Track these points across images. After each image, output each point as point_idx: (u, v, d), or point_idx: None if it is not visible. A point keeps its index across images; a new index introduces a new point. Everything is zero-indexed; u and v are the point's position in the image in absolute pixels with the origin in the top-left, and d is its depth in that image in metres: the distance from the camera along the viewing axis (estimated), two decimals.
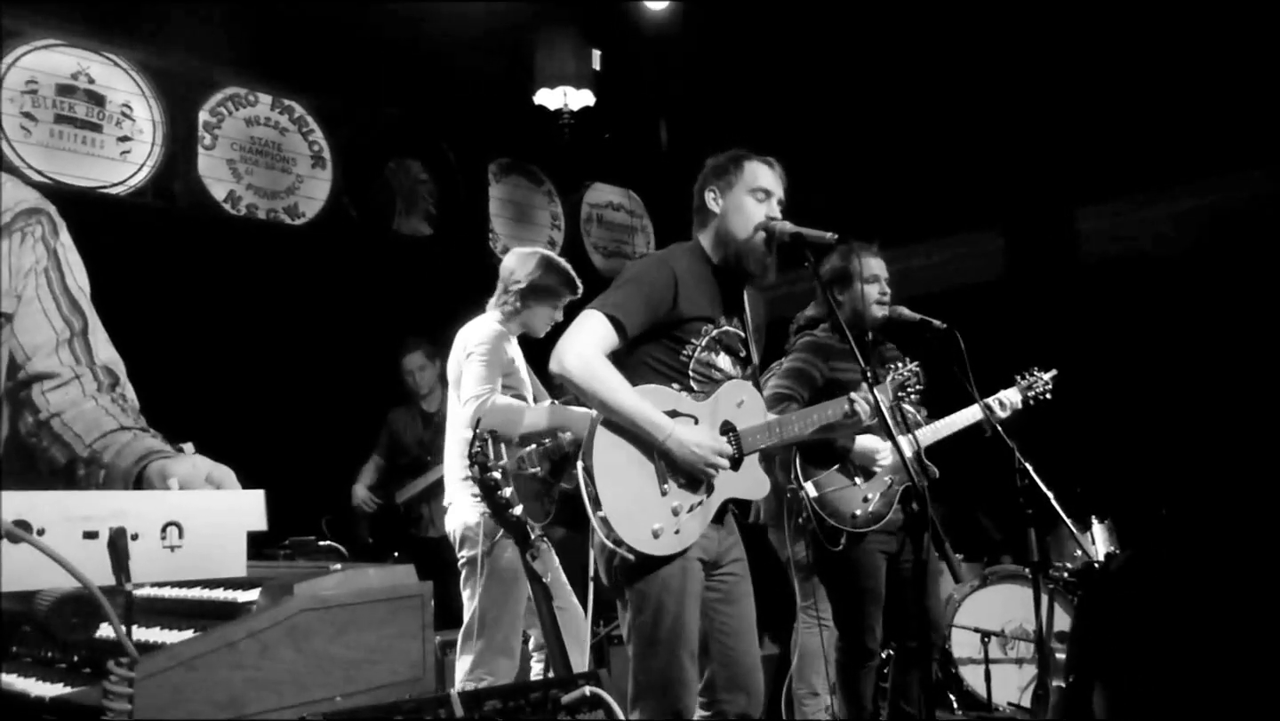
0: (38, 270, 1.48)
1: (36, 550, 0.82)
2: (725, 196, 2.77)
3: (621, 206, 7.51)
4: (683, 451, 2.51)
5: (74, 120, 4.96)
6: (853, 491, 3.47)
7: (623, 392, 2.50)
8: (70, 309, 1.51)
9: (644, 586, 2.53)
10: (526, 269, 3.66)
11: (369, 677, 1.65)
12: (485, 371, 3.44)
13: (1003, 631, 4.69)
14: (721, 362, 2.73)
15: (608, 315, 2.55)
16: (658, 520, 2.49)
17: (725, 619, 2.66)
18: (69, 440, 1.42)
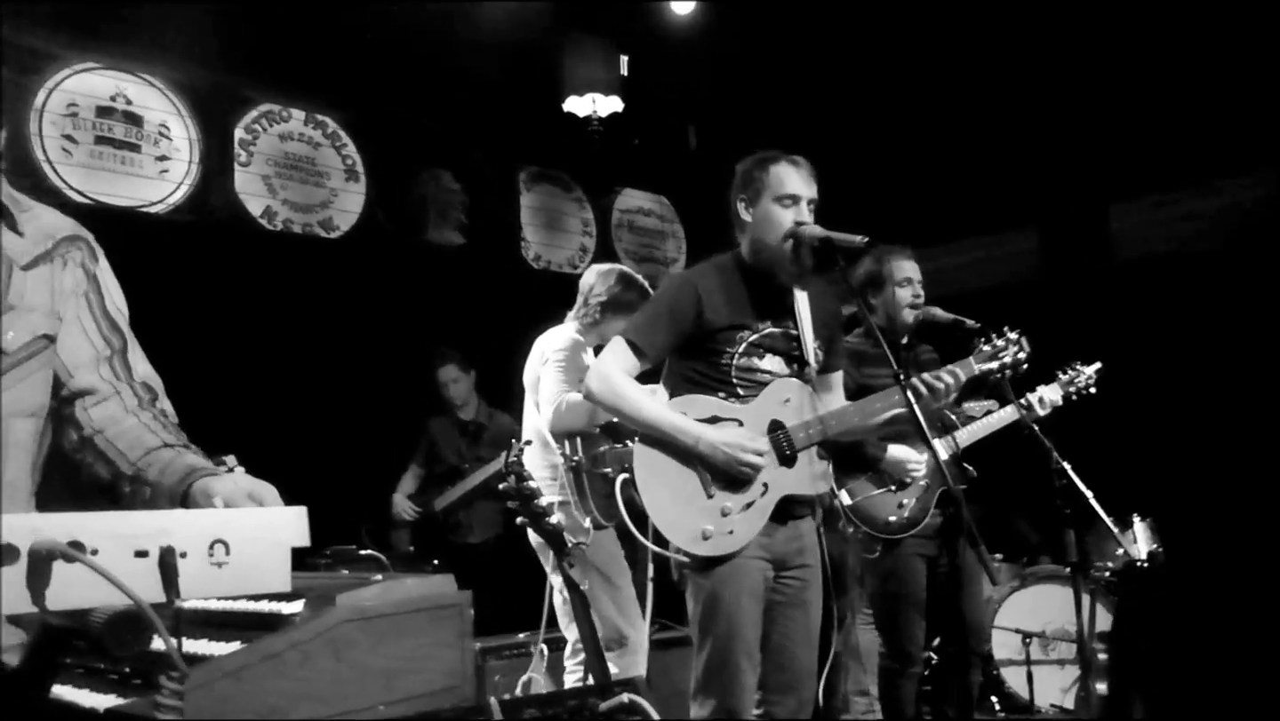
0: (78, 293, 1.53)
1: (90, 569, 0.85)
2: (754, 206, 2.78)
3: (652, 212, 7.53)
4: (713, 452, 2.56)
5: (113, 141, 5.06)
6: (887, 497, 3.45)
7: (646, 406, 2.61)
8: (110, 329, 1.56)
9: (702, 581, 2.61)
10: (606, 284, 3.83)
11: (409, 686, 1.67)
12: (563, 375, 3.61)
13: (1044, 632, 4.65)
14: (766, 365, 2.75)
15: (627, 340, 2.67)
16: (707, 522, 2.56)
17: (788, 622, 2.70)
18: (113, 457, 1.47)
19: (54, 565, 0.85)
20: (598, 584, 3.62)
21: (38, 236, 1.50)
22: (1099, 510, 3.42)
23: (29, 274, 1.46)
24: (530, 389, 3.80)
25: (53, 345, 1.47)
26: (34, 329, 1.44)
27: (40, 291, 1.47)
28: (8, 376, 1.40)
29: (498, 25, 5.60)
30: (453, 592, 1.74)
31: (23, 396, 1.42)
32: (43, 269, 1.49)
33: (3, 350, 1.40)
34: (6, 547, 0.84)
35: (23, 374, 1.42)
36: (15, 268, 1.45)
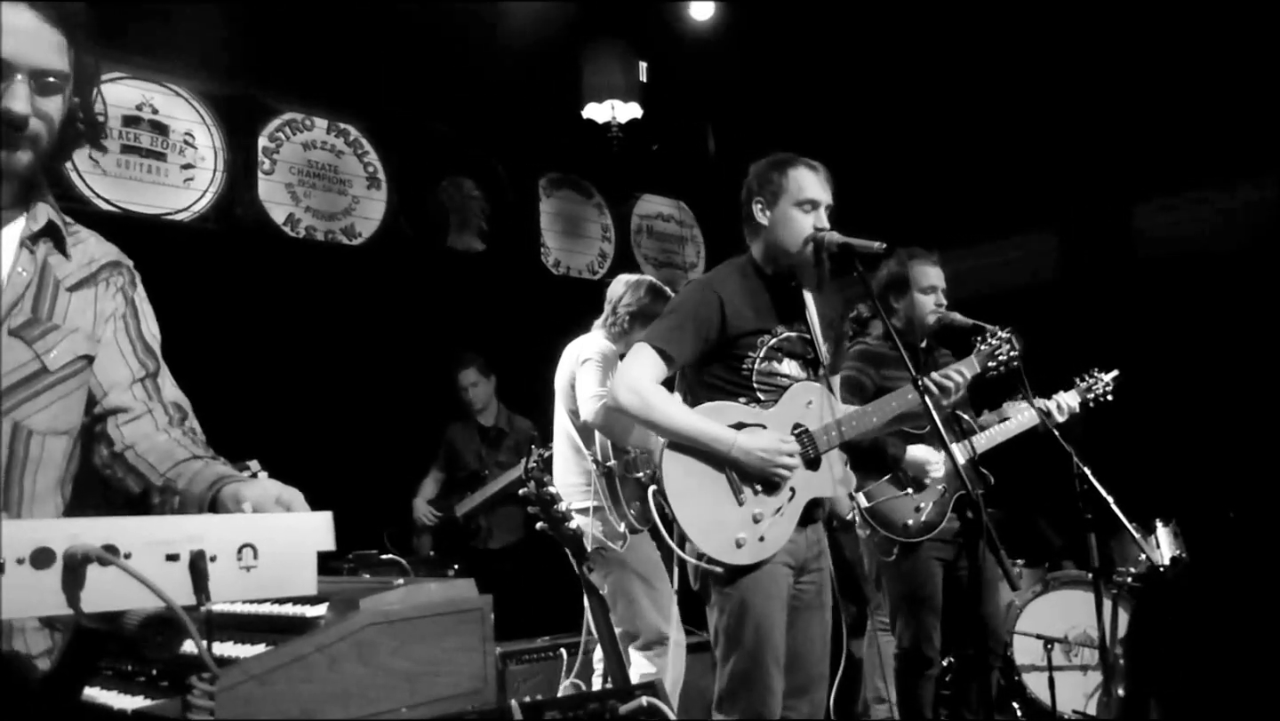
0: (116, 316, 1.57)
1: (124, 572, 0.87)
2: (772, 209, 2.77)
3: (671, 217, 7.55)
4: (749, 459, 2.56)
5: (139, 150, 5.13)
6: (905, 501, 3.45)
7: (678, 414, 2.59)
8: (144, 353, 1.59)
9: (731, 591, 2.59)
10: (636, 295, 3.86)
11: (432, 689, 1.70)
12: (601, 375, 3.65)
13: (1066, 638, 4.61)
14: (785, 369, 2.75)
15: (655, 347, 2.64)
16: (740, 530, 2.55)
17: (806, 626, 2.71)
18: (143, 470, 1.50)
19: (89, 569, 0.88)
20: (637, 587, 3.65)
21: (83, 260, 1.54)
22: (1120, 514, 3.40)
23: (73, 295, 1.51)
24: (561, 395, 3.84)
25: (90, 366, 1.51)
26: (75, 350, 1.48)
27: (83, 313, 1.51)
28: (49, 394, 1.43)
29: (517, 33, 5.63)
30: (474, 596, 1.76)
31: (60, 415, 1.46)
32: (86, 291, 1.53)
33: (46, 368, 1.43)
34: (43, 551, 0.87)
35: (62, 392, 1.46)
36: (61, 288, 1.49)
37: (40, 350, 1.43)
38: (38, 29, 1.37)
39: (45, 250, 1.49)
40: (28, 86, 1.35)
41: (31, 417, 1.41)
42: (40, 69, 1.37)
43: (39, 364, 1.42)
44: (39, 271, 1.47)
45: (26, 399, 1.41)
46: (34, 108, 1.37)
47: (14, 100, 1.34)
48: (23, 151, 1.38)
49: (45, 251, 1.49)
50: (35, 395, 1.42)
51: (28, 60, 1.36)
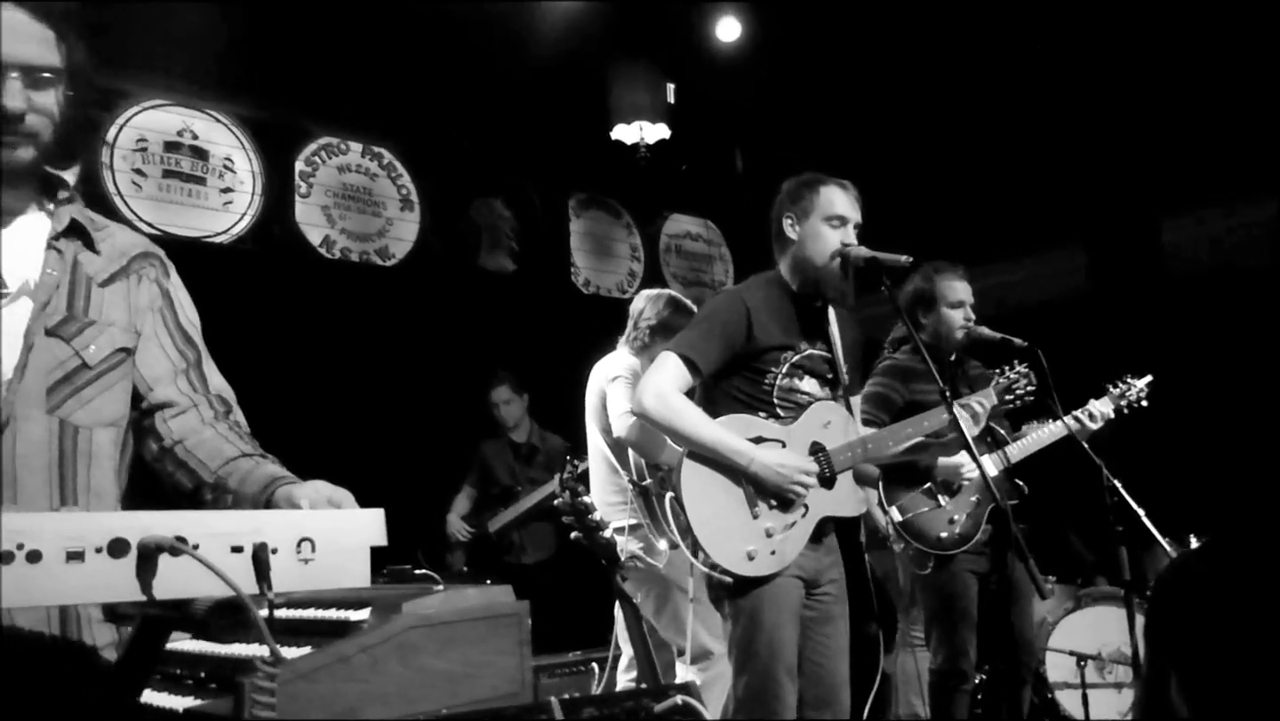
0: (153, 308, 1.61)
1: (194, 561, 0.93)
2: (801, 224, 2.82)
3: (700, 236, 7.61)
4: (767, 474, 2.59)
5: (180, 174, 5.27)
6: (938, 513, 3.46)
7: (702, 425, 2.61)
8: (184, 343, 1.63)
9: (743, 603, 2.62)
10: (656, 308, 3.90)
11: (470, 692, 1.74)
12: (631, 392, 3.66)
13: (1099, 654, 4.58)
14: (806, 386, 2.78)
15: (681, 355, 2.67)
16: (751, 543, 2.58)
17: (821, 639, 2.72)
18: (194, 466, 1.54)
19: (160, 558, 0.94)
20: (680, 601, 3.67)
21: (113, 254, 1.58)
22: (1151, 527, 3.39)
23: (106, 290, 1.54)
24: (593, 415, 3.87)
25: (131, 358, 1.55)
26: (114, 342, 1.52)
27: (118, 306, 1.55)
28: (91, 388, 1.48)
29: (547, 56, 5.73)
30: (511, 602, 1.81)
31: (104, 407, 1.50)
32: (119, 285, 1.57)
33: (86, 363, 1.47)
34: (119, 541, 0.93)
35: (104, 385, 1.50)
36: (93, 284, 1.53)
37: (79, 346, 1.47)
38: (26, 25, 1.40)
39: (74, 249, 1.52)
40: (21, 83, 1.39)
41: (76, 413, 1.45)
42: (32, 65, 1.40)
43: (79, 360, 1.46)
44: (69, 270, 1.50)
45: (70, 395, 1.45)
46: (30, 103, 1.40)
47: (9, 97, 1.38)
48: (24, 149, 1.42)
49: (74, 250, 1.52)
50: (78, 391, 1.46)
51: (19, 57, 1.39)
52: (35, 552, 0.90)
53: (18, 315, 1.44)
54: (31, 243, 1.49)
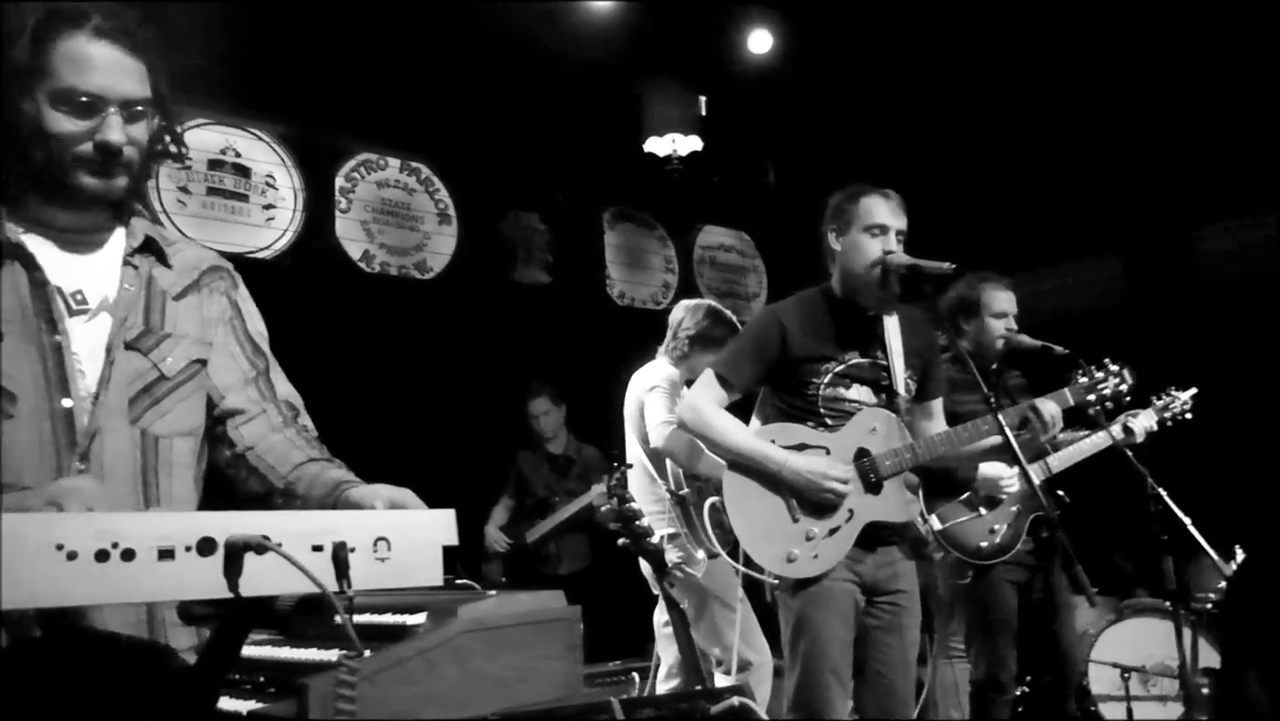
0: (224, 320, 1.67)
1: (278, 559, 0.97)
2: (843, 236, 2.87)
3: (733, 248, 7.63)
4: (797, 479, 2.67)
5: (223, 191, 5.36)
6: (978, 523, 3.45)
7: (734, 434, 2.74)
8: (254, 352, 1.69)
9: (793, 604, 2.69)
10: (695, 319, 3.94)
11: (523, 695, 1.77)
12: (669, 402, 3.73)
13: (1143, 667, 4.53)
14: (853, 394, 2.81)
15: (716, 373, 2.82)
16: (792, 546, 2.65)
17: (884, 648, 2.75)
18: (264, 471, 1.60)
19: (246, 556, 0.98)
20: (719, 611, 3.69)
21: (184, 268, 1.64)
22: (1198, 537, 3.35)
23: (179, 303, 1.61)
24: (631, 424, 3.91)
25: (204, 368, 1.61)
26: (189, 354, 1.58)
27: (191, 319, 1.61)
28: (169, 399, 1.54)
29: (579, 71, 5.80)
30: (562, 607, 1.84)
31: (182, 417, 1.56)
32: (191, 298, 1.63)
33: (164, 375, 1.54)
34: (207, 540, 0.97)
35: (181, 396, 1.56)
36: (167, 298, 1.59)
37: (156, 359, 1.53)
38: (121, 61, 1.47)
39: (148, 264, 1.59)
40: (120, 117, 1.46)
41: (156, 423, 1.51)
42: (128, 99, 1.47)
43: (157, 372, 1.53)
44: (145, 284, 1.57)
45: (150, 406, 1.51)
46: (127, 136, 1.47)
47: (110, 131, 1.45)
48: (119, 178, 1.49)
49: (148, 265, 1.59)
50: (157, 401, 1.52)
51: (117, 92, 1.46)
52: (129, 551, 0.94)
53: (99, 330, 1.50)
54: (109, 259, 1.56)
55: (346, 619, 0.96)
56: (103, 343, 1.49)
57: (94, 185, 1.47)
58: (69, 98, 1.43)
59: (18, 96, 1.43)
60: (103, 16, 1.45)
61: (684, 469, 3.77)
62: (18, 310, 1.44)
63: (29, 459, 1.38)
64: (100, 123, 1.45)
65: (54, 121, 1.43)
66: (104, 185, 1.48)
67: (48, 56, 1.43)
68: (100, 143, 1.45)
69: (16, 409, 1.39)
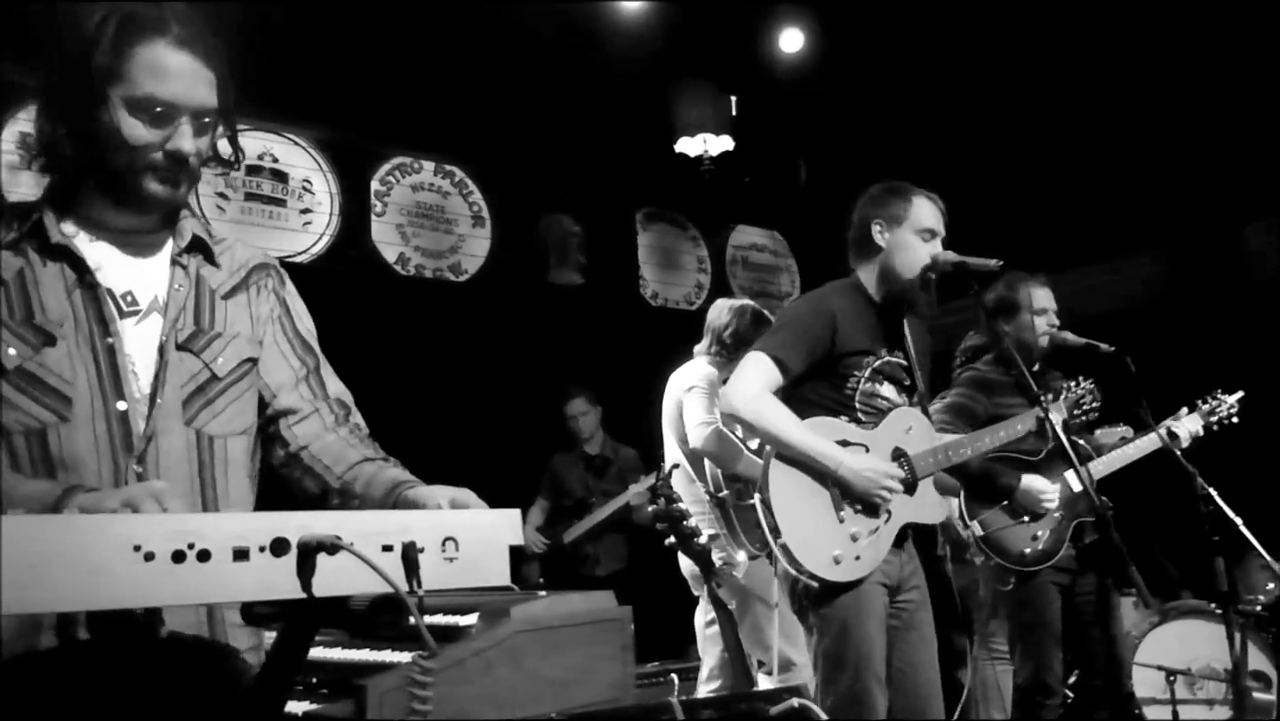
0: (273, 318, 1.66)
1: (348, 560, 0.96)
2: (891, 232, 2.81)
3: (765, 247, 7.61)
4: (855, 479, 2.59)
5: (261, 196, 5.42)
6: (1021, 529, 3.40)
7: (791, 427, 2.61)
8: (304, 350, 1.68)
9: (829, 611, 2.60)
10: (735, 319, 3.91)
11: (576, 696, 1.76)
12: (708, 402, 3.69)
13: (1189, 670, 4.45)
14: (886, 392, 2.78)
15: (772, 356, 2.67)
16: (837, 547, 2.57)
17: (908, 646, 2.72)
18: (320, 471, 1.59)
19: (318, 556, 0.98)
20: (761, 613, 3.67)
21: (232, 267, 1.64)
22: (1251, 538, 3.29)
23: (229, 302, 1.60)
24: (670, 425, 3.88)
25: (255, 367, 1.60)
26: (240, 353, 1.58)
27: (241, 318, 1.60)
28: (221, 399, 1.54)
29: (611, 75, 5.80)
30: (615, 607, 1.84)
31: (235, 417, 1.56)
32: (240, 297, 1.62)
33: (216, 375, 1.53)
34: (280, 540, 0.97)
35: (234, 395, 1.56)
36: (217, 297, 1.59)
37: (208, 359, 1.52)
38: (197, 71, 1.46)
39: (196, 263, 1.58)
40: (191, 126, 1.46)
41: (210, 424, 1.51)
42: (200, 109, 1.47)
43: (209, 372, 1.52)
44: (194, 284, 1.56)
45: (203, 406, 1.51)
46: (195, 146, 1.48)
47: (182, 140, 1.45)
48: (184, 185, 1.50)
49: (196, 264, 1.58)
50: (210, 402, 1.52)
51: (190, 102, 1.46)
52: (205, 552, 0.94)
53: (150, 331, 1.50)
54: (159, 262, 1.56)
55: (420, 619, 0.95)
56: (154, 344, 1.49)
57: (161, 192, 1.47)
58: (146, 105, 1.43)
59: (94, 100, 1.43)
60: (180, 24, 1.45)
61: (723, 469, 3.75)
62: (69, 313, 1.44)
63: (87, 462, 1.39)
64: (173, 131, 1.45)
65: (129, 128, 1.43)
66: (169, 193, 1.48)
67: (126, 62, 1.42)
68: (172, 151, 1.45)
69: (72, 412, 1.40)
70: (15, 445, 1.37)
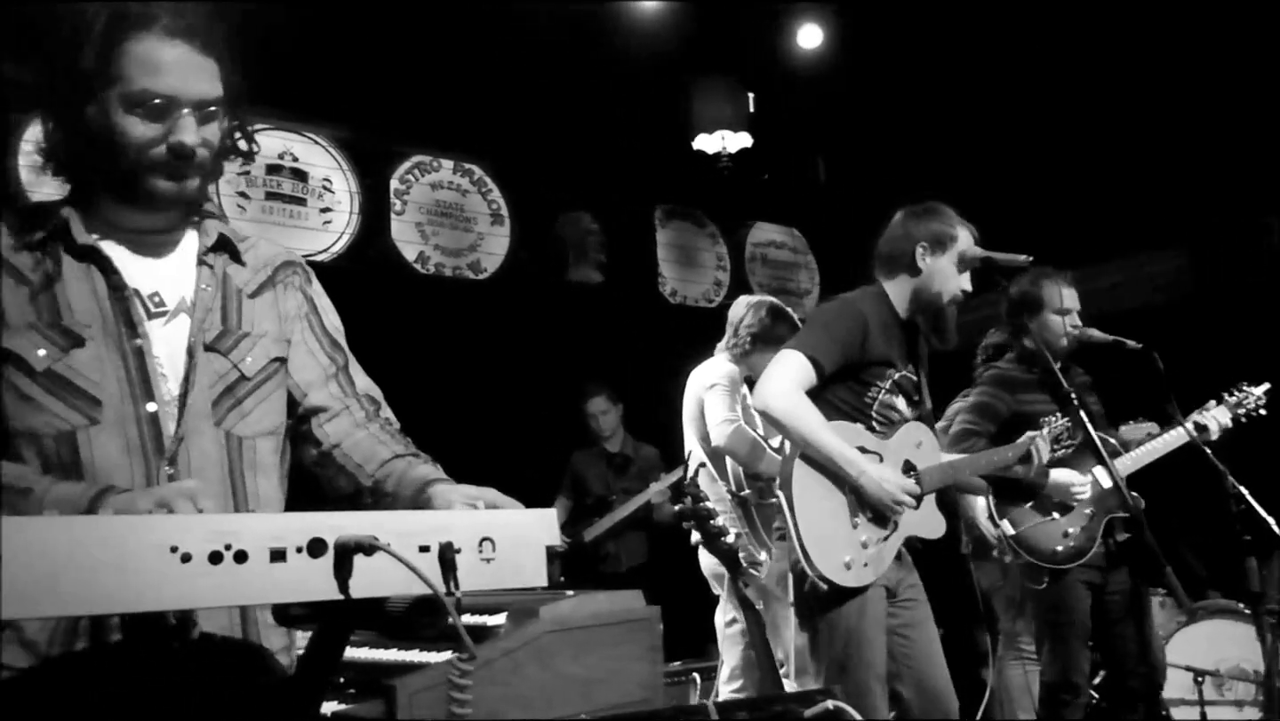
0: (300, 315, 1.64)
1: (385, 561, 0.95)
2: (934, 256, 2.83)
3: (784, 244, 7.58)
4: (874, 487, 2.61)
5: (282, 196, 5.42)
6: (1052, 526, 3.37)
7: (822, 430, 2.62)
8: (332, 347, 1.66)
9: (835, 616, 2.63)
10: (757, 316, 3.90)
11: (605, 696, 1.75)
12: (730, 400, 3.71)
13: (1217, 670, 4.40)
14: (900, 405, 2.84)
15: (807, 355, 2.67)
16: (849, 552, 2.61)
17: (910, 644, 2.76)
18: (351, 469, 1.57)
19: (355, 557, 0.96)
20: (779, 612, 3.64)
21: (258, 265, 1.62)
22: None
23: (255, 301, 1.58)
24: (691, 423, 3.87)
25: (284, 366, 1.58)
26: (268, 353, 1.56)
27: (268, 317, 1.58)
28: (250, 399, 1.52)
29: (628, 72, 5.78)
30: (643, 607, 1.83)
31: (264, 417, 1.54)
32: (267, 295, 1.60)
33: (244, 375, 1.51)
34: (317, 541, 0.96)
35: (262, 395, 1.54)
36: (243, 296, 1.57)
37: (236, 359, 1.51)
38: (193, 60, 1.42)
39: (222, 262, 1.56)
40: (193, 118, 1.43)
41: (239, 424, 1.49)
42: (201, 99, 1.44)
43: (237, 372, 1.50)
44: (220, 284, 1.54)
45: (232, 406, 1.49)
46: (200, 138, 1.44)
47: (183, 133, 1.42)
48: (192, 179, 1.46)
49: (222, 264, 1.56)
50: (239, 402, 1.50)
51: (189, 93, 1.42)
52: (242, 553, 0.93)
53: (178, 332, 1.48)
54: (184, 261, 1.54)
55: (458, 621, 0.94)
56: (182, 345, 1.47)
57: (167, 188, 1.45)
58: (142, 100, 1.40)
59: (86, 102, 1.41)
60: (170, 16, 1.42)
61: (745, 468, 3.73)
62: (97, 315, 1.42)
63: (117, 465, 1.38)
64: (173, 125, 1.42)
65: (129, 126, 1.40)
66: (177, 188, 1.45)
67: (118, 60, 1.39)
68: (174, 145, 1.42)
69: (102, 415, 1.38)
70: (45, 448, 1.36)
